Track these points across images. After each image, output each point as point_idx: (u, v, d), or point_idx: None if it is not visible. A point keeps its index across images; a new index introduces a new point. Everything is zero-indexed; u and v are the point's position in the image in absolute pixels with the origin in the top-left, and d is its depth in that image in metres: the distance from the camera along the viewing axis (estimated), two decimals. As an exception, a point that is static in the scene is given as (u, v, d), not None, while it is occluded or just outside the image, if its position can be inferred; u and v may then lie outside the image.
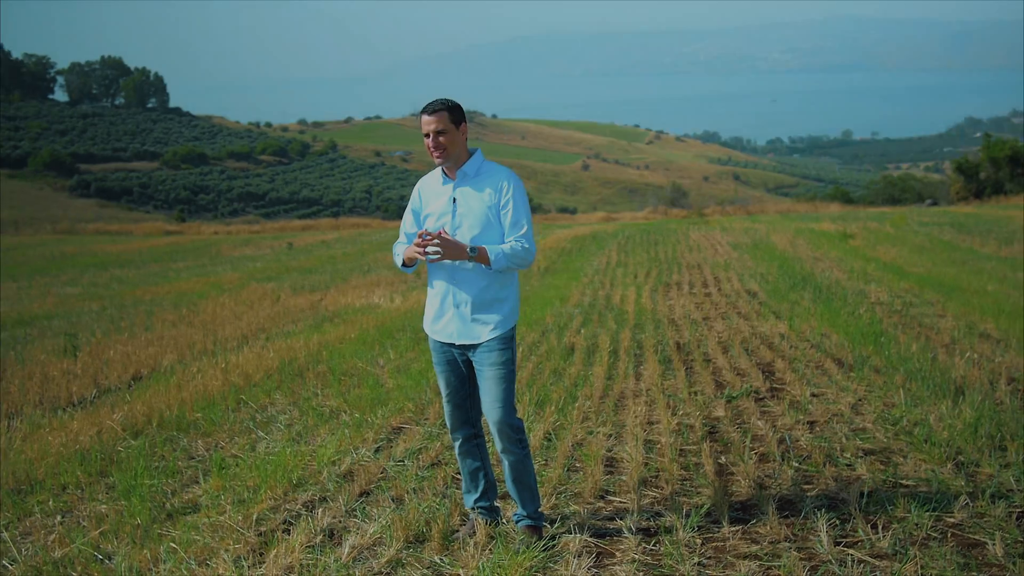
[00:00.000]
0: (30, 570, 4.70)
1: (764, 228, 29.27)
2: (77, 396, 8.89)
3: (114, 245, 37.37)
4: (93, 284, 21.22)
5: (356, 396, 8.10)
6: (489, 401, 4.71)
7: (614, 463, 6.13)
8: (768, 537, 4.77)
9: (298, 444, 6.74)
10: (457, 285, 4.74)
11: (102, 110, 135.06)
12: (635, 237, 28.15)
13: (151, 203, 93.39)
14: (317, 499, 5.60)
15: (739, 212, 47.55)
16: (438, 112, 4.69)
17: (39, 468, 6.36)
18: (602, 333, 11.00)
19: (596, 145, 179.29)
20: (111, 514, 5.41)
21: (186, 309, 14.98)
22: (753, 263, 19.10)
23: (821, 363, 9.00)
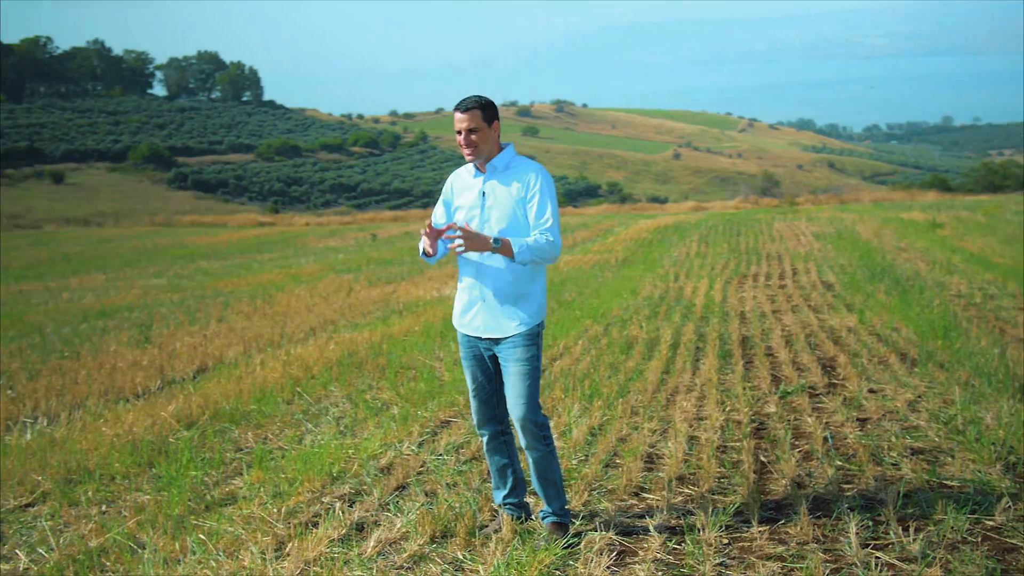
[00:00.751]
0: (65, 559, 4.84)
1: (851, 218, 28.70)
2: (142, 387, 9.11)
3: (205, 237, 38.23)
4: (178, 276, 21.74)
5: (409, 389, 8.16)
6: (513, 397, 4.71)
7: (654, 459, 6.07)
8: (796, 538, 4.68)
9: (344, 437, 6.82)
10: (484, 279, 4.76)
11: (199, 104, 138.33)
12: (718, 227, 27.84)
13: (246, 195, 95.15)
14: (353, 492, 5.66)
15: (832, 201, 46.66)
16: (471, 110, 4.70)
17: (90, 458, 6.55)
18: (666, 326, 10.90)
19: (688, 134, 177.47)
20: (150, 504, 5.55)
21: (261, 301, 15.25)
22: (834, 253, 18.76)
23: (885, 358, 8.79)
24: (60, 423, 7.78)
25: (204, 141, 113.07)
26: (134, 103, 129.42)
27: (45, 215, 65.95)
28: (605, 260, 19.53)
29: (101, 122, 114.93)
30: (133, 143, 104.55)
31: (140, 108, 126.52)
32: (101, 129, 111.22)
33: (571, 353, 9.53)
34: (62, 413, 8.09)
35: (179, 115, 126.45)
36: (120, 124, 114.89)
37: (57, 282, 21.66)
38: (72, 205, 75.12)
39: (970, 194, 48.16)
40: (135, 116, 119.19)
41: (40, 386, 9.13)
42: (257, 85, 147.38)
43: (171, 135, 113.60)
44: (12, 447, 7.04)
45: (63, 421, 7.81)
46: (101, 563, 4.79)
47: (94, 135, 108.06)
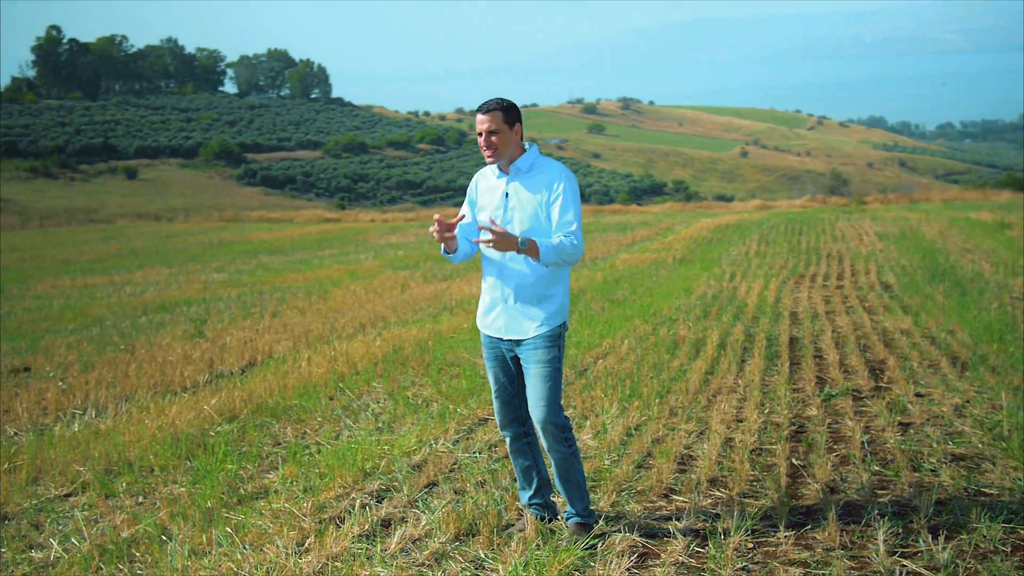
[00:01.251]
0: (95, 548, 4.94)
1: (917, 217, 28.19)
2: (190, 381, 9.26)
3: (269, 233, 38.73)
4: (239, 271, 22.04)
5: (451, 387, 8.19)
6: (534, 399, 4.70)
7: (687, 461, 6.02)
8: (823, 544, 4.60)
9: (381, 433, 6.86)
10: (506, 279, 4.75)
11: (268, 101, 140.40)
12: (780, 226, 27.51)
13: (313, 191, 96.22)
14: (383, 489, 5.69)
15: (902, 200, 45.84)
16: (492, 112, 4.68)
17: (131, 450, 6.68)
18: (715, 327, 10.79)
19: (755, 131, 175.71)
20: (184, 497, 5.64)
21: (316, 296, 15.41)
22: (897, 254, 18.44)
23: (936, 361, 8.62)
24: (107, 415, 7.94)
25: (273, 138, 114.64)
26: (205, 100, 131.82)
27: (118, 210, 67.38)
28: (662, 259, 19.40)
29: (173, 119, 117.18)
30: (204, 140, 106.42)
31: (211, 105, 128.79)
32: (173, 126, 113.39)
33: (616, 352, 9.49)
34: (110, 405, 8.25)
35: (249, 112, 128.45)
36: (191, 121, 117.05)
37: (122, 276, 22.12)
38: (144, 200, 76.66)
39: (1047, 194, 46.94)
40: (206, 113, 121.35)
41: (92, 378, 9.32)
42: (325, 83, 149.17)
43: (241, 132, 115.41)
44: (58, 438, 7.20)
45: (110, 413, 7.98)
46: (131, 553, 4.89)
47: (166, 132, 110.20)
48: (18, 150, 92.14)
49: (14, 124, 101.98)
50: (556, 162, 4.80)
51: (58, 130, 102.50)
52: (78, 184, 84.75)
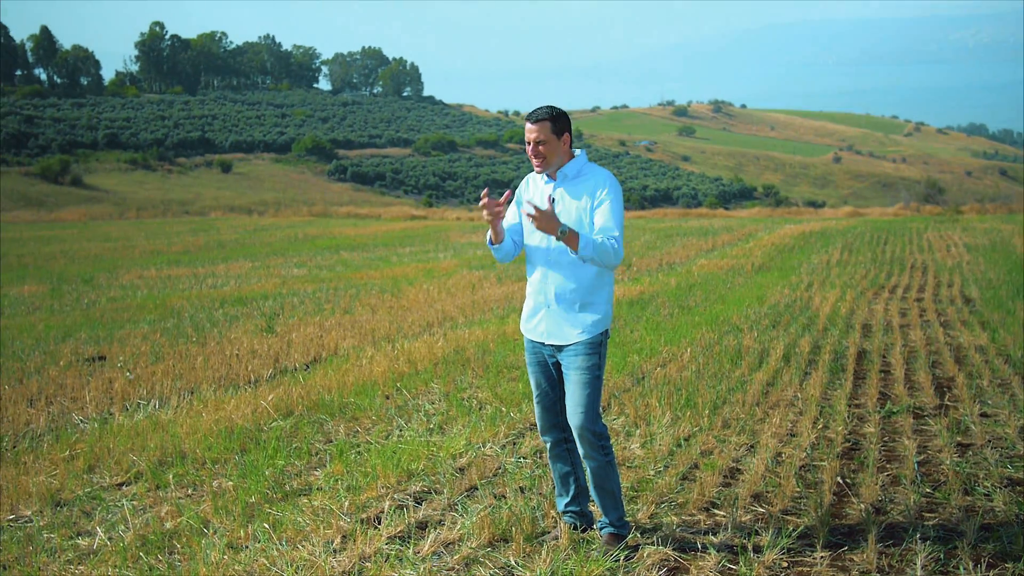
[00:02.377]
0: (138, 538, 5.06)
1: (1011, 229, 27.40)
2: (255, 375, 9.41)
3: (354, 229, 39.18)
4: (319, 267, 22.34)
5: (507, 390, 8.20)
6: (572, 405, 4.69)
7: (734, 474, 5.94)
8: (860, 566, 4.51)
9: (432, 435, 6.90)
10: (549, 285, 4.76)
11: (360, 98, 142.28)
12: (866, 235, 27.00)
13: (401, 188, 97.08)
14: (425, 491, 5.73)
15: (1000, 210, 44.67)
16: (541, 122, 4.70)
17: (186, 442, 6.82)
18: (783, 337, 10.62)
19: (849, 137, 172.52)
20: (229, 491, 5.74)
21: (389, 294, 15.55)
22: (984, 266, 17.96)
23: (1007, 381, 8.37)
24: (169, 406, 8.12)
25: (364, 135, 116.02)
26: (300, 97, 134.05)
27: (212, 203, 68.92)
28: (740, 265, 19.17)
29: (268, 114, 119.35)
30: (297, 135, 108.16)
31: (305, 102, 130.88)
32: (268, 121, 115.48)
33: (678, 360, 9.40)
34: (173, 397, 8.43)
35: (342, 109, 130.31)
36: (286, 117, 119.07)
37: (206, 268, 22.57)
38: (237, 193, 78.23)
39: None
40: (300, 109, 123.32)
41: (160, 369, 9.54)
42: (418, 81, 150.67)
43: (333, 128, 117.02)
44: (118, 427, 7.39)
45: (172, 405, 8.15)
46: (171, 545, 4.99)
47: (261, 127, 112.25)
48: (119, 142, 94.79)
49: (116, 117, 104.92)
50: (603, 169, 4.80)
51: (158, 123, 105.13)
52: (175, 176, 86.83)
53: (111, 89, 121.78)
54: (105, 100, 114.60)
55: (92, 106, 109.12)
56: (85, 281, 20.21)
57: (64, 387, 9.13)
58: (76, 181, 73.02)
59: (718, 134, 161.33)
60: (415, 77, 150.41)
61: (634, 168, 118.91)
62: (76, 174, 74.54)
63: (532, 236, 4.83)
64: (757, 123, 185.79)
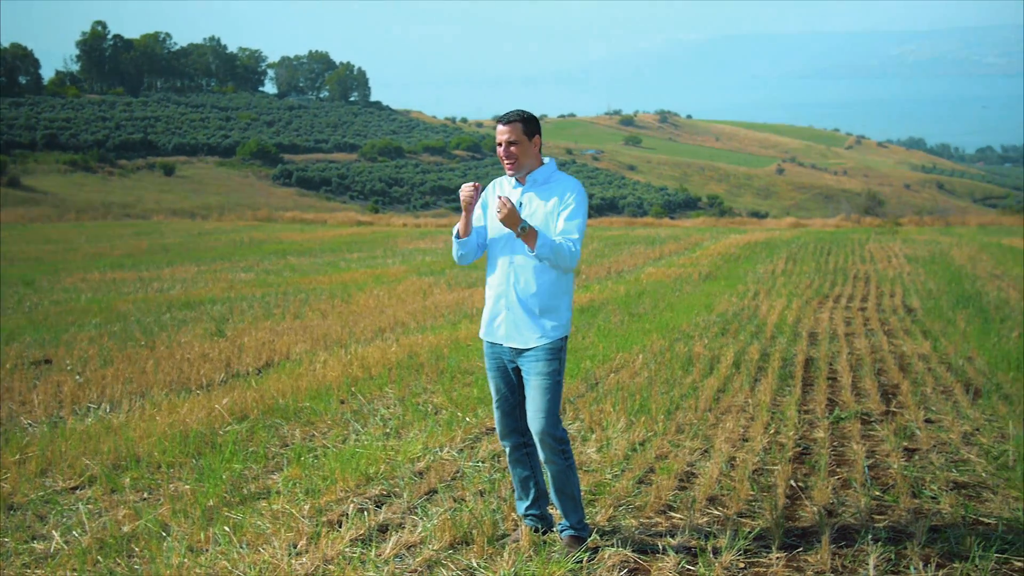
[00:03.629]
0: (96, 542, 5.02)
1: (949, 241, 28.00)
2: (207, 379, 9.34)
3: (300, 234, 38.97)
4: (266, 271, 22.18)
5: (462, 395, 8.24)
6: (533, 410, 4.74)
7: (688, 478, 6.04)
8: (814, 567, 4.61)
9: (388, 439, 6.92)
10: (511, 287, 4.80)
11: (307, 102, 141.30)
12: (809, 245, 27.41)
13: (347, 193, 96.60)
14: (384, 494, 5.75)
15: (937, 223, 45.57)
16: (512, 123, 4.76)
17: (141, 446, 6.77)
18: (731, 345, 10.78)
19: (792, 149, 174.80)
20: (188, 494, 5.71)
21: (340, 300, 15.50)
22: (924, 277, 18.34)
23: (950, 388, 8.58)
24: (121, 410, 8.04)
25: (310, 139, 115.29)
26: (245, 100, 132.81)
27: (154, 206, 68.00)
28: (688, 274, 19.37)
29: (212, 117, 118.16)
30: (242, 139, 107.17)
31: (250, 105, 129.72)
32: (212, 124, 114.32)
33: (630, 367, 9.49)
34: (125, 401, 8.35)
35: (288, 113, 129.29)
36: (230, 120, 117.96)
37: (151, 272, 22.30)
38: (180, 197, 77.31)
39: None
40: (245, 112, 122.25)
41: (109, 373, 9.43)
42: (365, 86, 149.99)
43: (279, 132, 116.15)
44: (70, 431, 7.30)
45: (124, 408, 8.08)
46: (130, 548, 4.96)
47: (205, 130, 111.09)
48: (59, 143, 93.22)
49: (56, 117, 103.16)
50: (572, 177, 4.87)
51: (98, 124, 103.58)
52: (116, 179, 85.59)
53: (51, 89, 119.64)
54: (44, 100, 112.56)
55: (31, 106, 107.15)
56: (26, 284, 19.89)
57: (11, 390, 9.00)
58: (13, 182, 71.59)
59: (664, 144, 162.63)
60: (362, 82, 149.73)
61: (581, 176, 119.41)
62: (14, 175, 73.12)
63: (496, 240, 4.86)
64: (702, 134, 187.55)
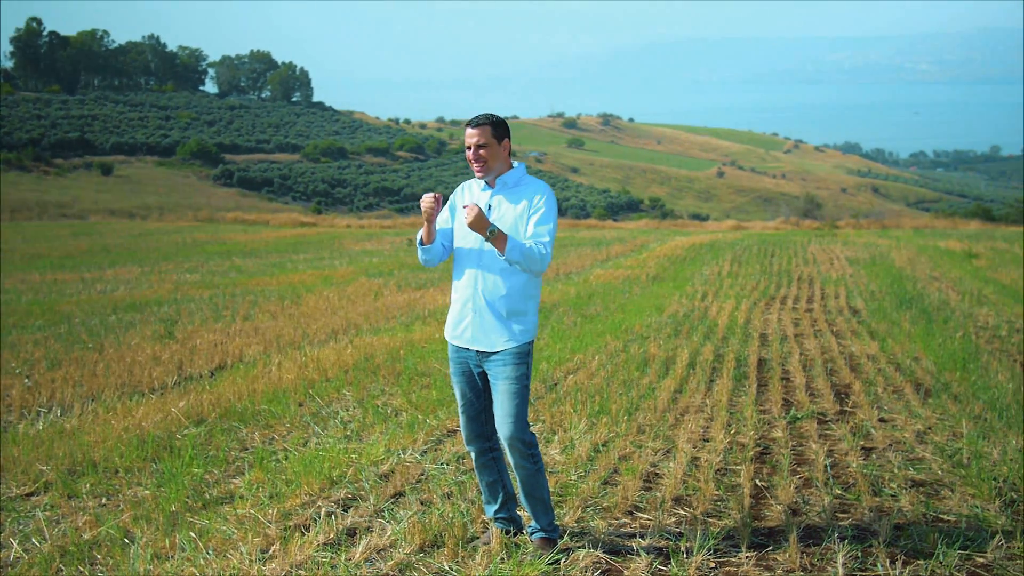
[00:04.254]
0: (57, 549, 4.93)
1: (887, 244, 28.46)
2: (159, 382, 9.22)
3: (244, 235, 38.58)
4: (212, 272, 21.92)
5: (421, 397, 8.22)
6: (501, 415, 4.74)
7: (653, 479, 6.08)
8: (784, 565, 4.67)
9: (350, 442, 6.88)
10: (478, 290, 4.79)
11: (248, 102, 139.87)
12: (753, 248, 27.70)
13: (290, 194, 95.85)
14: (350, 497, 5.71)
15: (873, 226, 46.25)
16: (481, 126, 4.76)
17: (96, 451, 6.66)
18: (685, 346, 10.88)
19: (732, 152, 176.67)
20: (148, 499, 5.63)
21: (289, 301, 15.37)
22: (866, 279, 18.61)
23: (900, 388, 8.74)
24: (73, 414, 7.90)
25: (252, 139, 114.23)
26: (185, 99, 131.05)
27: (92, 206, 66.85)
28: (636, 275, 19.49)
29: (152, 116, 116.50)
30: (182, 138, 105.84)
31: (191, 104, 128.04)
32: (151, 123, 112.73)
33: (587, 368, 9.54)
34: (76, 404, 8.21)
35: (228, 113, 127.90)
36: (170, 119, 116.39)
37: (93, 273, 21.93)
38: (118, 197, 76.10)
39: (1013, 225, 47.39)
40: (185, 112, 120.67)
41: (58, 376, 9.26)
42: (307, 86, 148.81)
43: (220, 132, 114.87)
44: (21, 435, 7.16)
45: (76, 412, 7.94)
46: (92, 556, 4.88)
47: (144, 129, 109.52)
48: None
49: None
50: (541, 181, 4.88)
51: (33, 123, 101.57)
52: (52, 178, 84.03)
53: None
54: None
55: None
56: (-37, 285, 19.47)
57: (-44, 394, 8.80)
58: (-55, 182, 70.07)
59: (606, 147, 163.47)
60: (305, 82, 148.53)
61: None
62: (-55, 174, 71.54)
63: (464, 239, 4.86)
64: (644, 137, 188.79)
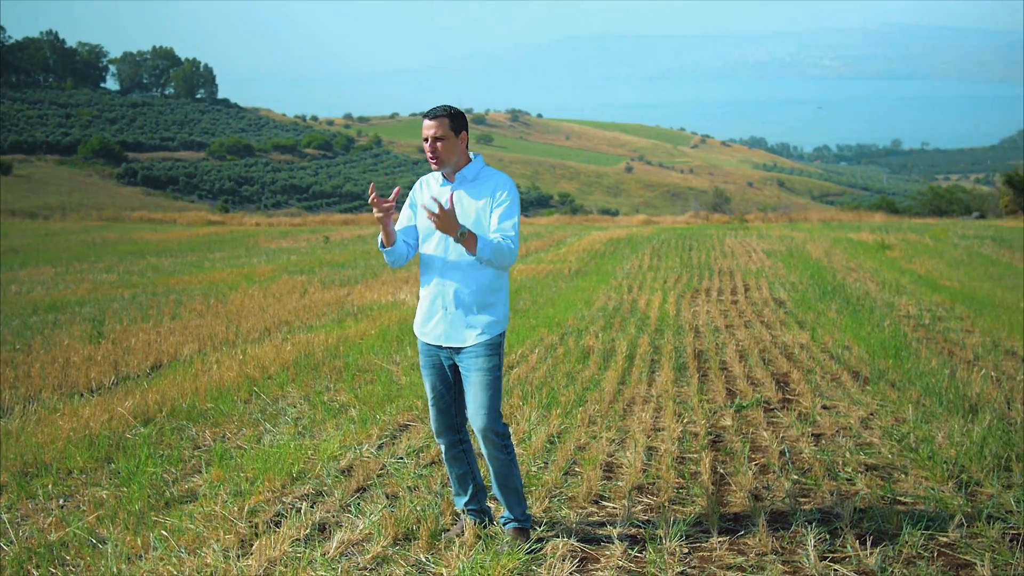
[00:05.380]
0: (24, 552, 4.79)
1: (801, 236, 29.06)
2: (96, 382, 9.00)
3: (155, 234, 37.82)
4: (129, 272, 21.45)
5: (367, 392, 8.16)
6: (474, 407, 4.72)
7: (613, 468, 6.13)
8: (756, 549, 4.75)
9: (303, 438, 6.81)
10: (447, 287, 4.76)
11: (152, 99, 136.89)
12: (670, 241, 28.05)
13: (196, 193, 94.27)
14: (314, 493, 5.66)
15: (781, 219, 47.20)
16: (439, 118, 4.71)
17: (47, 452, 6.48)
18: (621, 338, 10.98)
19: (641, 147, 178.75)
20: (110, 500, 5.51)
21: (215, 300, 15.12)
22: (785, 271, 18.97)
23: (837, 375, 8.94)
24: (14, 415, 7.67)
25: (156, 137, 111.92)
26: (86, 96, 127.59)
27: (-10, 206, 64.80)
28: (559, 270, 19.60)
29: (51, 114, 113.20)
30: (83, 136, 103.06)
31: (92, 102, 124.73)
32: (51, 121, 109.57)
33: (527, 361, 9.58)
34: (16, 406, 7.97)
35: (131, 110, 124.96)
36: (71, 117, 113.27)
37: (6, 274, 21.31)
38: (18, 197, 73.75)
39: (917, 217, 48.89)
40: (86, 109, 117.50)
41: (-9, 378, 9.00)
42: (212, 83, 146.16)
43: (122, 130, 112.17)
44: (-36, 439, 6.94)
45: (17, 413, 7.71)
46: (61, 557, 4.75)
47: (43, 127, 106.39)
48: None
49: None
50: (502, 173, 4.86)
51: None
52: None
53: None
54: None
55: None
56: None
57: None
58: None
59: (515, 143, 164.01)
60: (209, 79, 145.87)
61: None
62: None
63: (429, 240, 4.82)
64: (553, 133, 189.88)
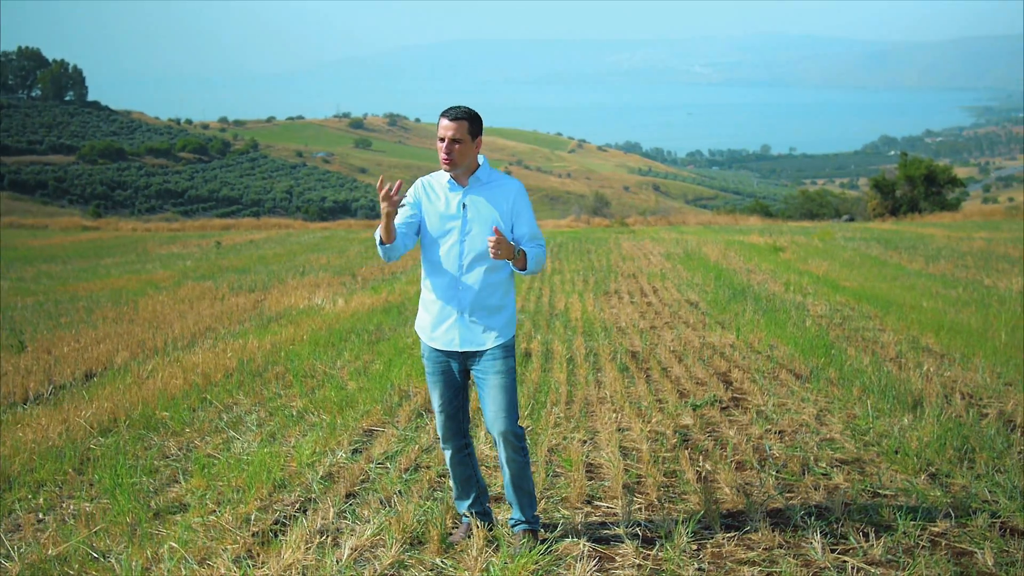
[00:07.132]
0: (27, 568, 4.60)
1: (695, 239, 29.65)
2: (33, 392, 8.69)
3: (34, 240, 36.41)
4: (20, 279, 20.64)
5: (322, 398, 8.05)
6: (495, 411, 4.70)
7: (594, 469, 6.19)
8: (762, 544, 4.87)
9: (272, 445, 6.68)
10: (461, 294, 4.73)
11: (17, 102, 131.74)
12: (567, 245, 28.29)
13: (66, 198, 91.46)
14: (304, 500, 5.58)
15: (661, 223, 48.05)
16: (459, 120, 4.64)
17: (12, 464, 6.22)
18: (555, 340, 11.06)
19: (518, 152, 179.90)
20: (97, 512, 5.33)
21: (126, 307, 14.68)
22: (687, 273, 19.30)
23: (776, 374, 9.17)
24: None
25: (23, 140, 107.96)
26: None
27: None
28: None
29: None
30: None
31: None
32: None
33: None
34: (-45, 419, 7.62)
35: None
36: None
37: None
38: None
39: (791, 220, 50.47)
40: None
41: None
42: (81, 85, 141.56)
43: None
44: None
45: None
46: (66, 572, 4.58)
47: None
48: None
49: None
50: (509, 177, 4.87)
51: None
52: None
53: None
54: None
55: None
56: None
57: None
58: None
59: (394, 147, 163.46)
60: (78, 80, 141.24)
61: (312, 179, 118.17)
62: None
63: (441, 244, 4.74)
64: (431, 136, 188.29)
